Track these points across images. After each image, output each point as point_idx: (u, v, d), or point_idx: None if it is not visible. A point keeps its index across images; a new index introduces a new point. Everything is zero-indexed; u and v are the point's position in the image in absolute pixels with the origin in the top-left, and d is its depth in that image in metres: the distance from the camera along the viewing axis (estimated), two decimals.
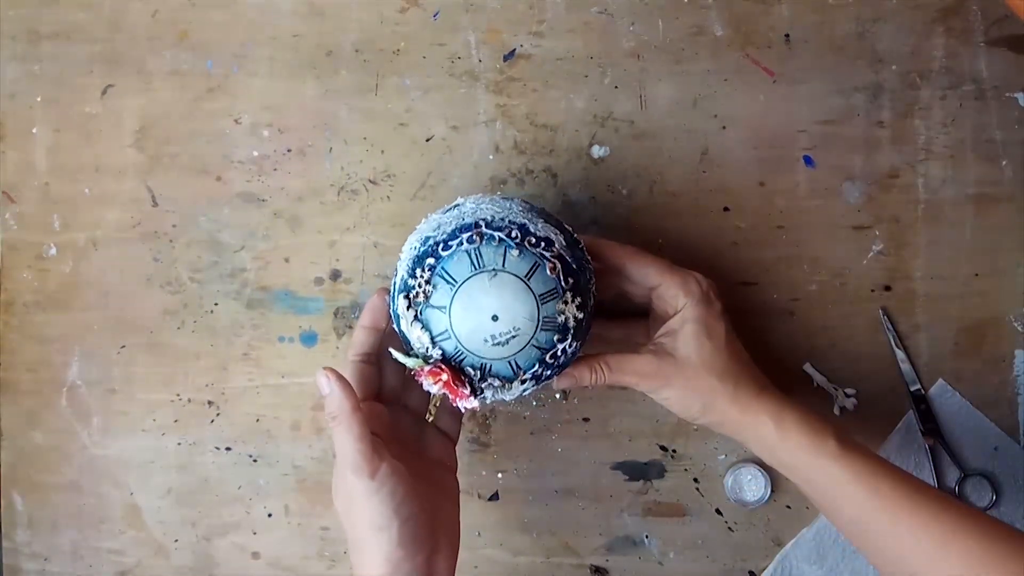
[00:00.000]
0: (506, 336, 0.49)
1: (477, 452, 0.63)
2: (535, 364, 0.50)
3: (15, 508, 0.64)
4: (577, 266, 0.50)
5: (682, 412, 0.54)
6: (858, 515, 0.49)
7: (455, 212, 0.51)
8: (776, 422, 0.51)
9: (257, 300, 0.63)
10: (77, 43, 0.64)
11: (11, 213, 0.64)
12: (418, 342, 0.50)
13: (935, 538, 0.47)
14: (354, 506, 0.48)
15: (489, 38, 0.62)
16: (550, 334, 0.49)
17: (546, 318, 0.49)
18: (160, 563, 0.64)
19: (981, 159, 0.61)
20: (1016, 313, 0.61)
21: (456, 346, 0.49)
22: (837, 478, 0.50)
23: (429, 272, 0.49)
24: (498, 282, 0.48)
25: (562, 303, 0.49)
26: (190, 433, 0.63)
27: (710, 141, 0.62)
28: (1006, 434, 0.61)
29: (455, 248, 0.49)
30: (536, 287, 0.49)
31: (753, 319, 0.62)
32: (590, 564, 0.63)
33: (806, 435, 0.51)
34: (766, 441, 0.52)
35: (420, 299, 0.49)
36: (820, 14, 0.62)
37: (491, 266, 0.48)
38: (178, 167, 0.63)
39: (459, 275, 0.48)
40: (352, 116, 0.63)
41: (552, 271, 0.49)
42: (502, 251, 0.48)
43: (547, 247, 0.49)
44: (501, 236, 0.49)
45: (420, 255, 0.50)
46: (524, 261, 0.49)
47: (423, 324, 0.49)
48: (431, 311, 0.49)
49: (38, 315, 0.64)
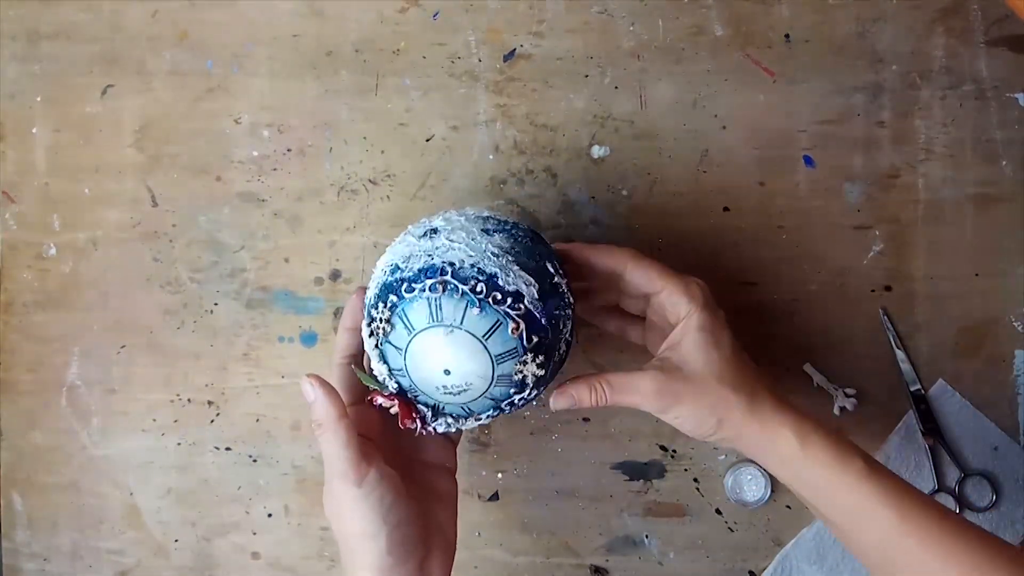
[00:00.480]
0: (458, 389, 0.47)
1: (477, 452, 0.63)
2: (489, 409, 0.49)
3: (15, 508, 0.64)
4: (548, 319, 0.48)
5: (695, 430, 0.51)
6: (884, 539, 0.47)
7: (428, 244, 0.49)
8: (800, 438, 0.49)
9: (257, 300, 0.63)
10: (77, 43, 0.64)
11: (11, 213, 0.64)
12: (377, 371, 0.50)
13: (966, 567, 0.45)
14: (343, 513, 0.48)
15: (489, 38, 0.62)
16: (505, 388, 0.48)
17: (501, 376, 0.47)
18: (160, 563, 0.64)
19: (981, 159, 0.61)
20: (1016, 313, 0.61)
21: (410, 384, 0.49)
22: (864, 498, 0.47)
23: (390, 311, 0.48)
24: (454, 339, 0.46)
25: (520, 363, 0.47)
26: (190, 433, 0.63)
27: (710, 141, 0.62)
28: (1006, 434, 0.61)
29: (417, 293, 0.47)
30: (493, 348, 0.47)
31: (753, 319, 0.62)
32: (590, 564, 0.63)
33: (832, 453, 0.48)
34: (787, 457, 0.49)
35: (380, 333, 0.48)
36: (820, 14, 0.62)
37: (449, 321, 0.46)
38: (178, 167, 0.63)
39: (417, 323, 0.47)
40: (352, 116, 0.63)
41: (514, 332, 0.46)
42: (463, 306, 0.46)
43: (514, 303, 0.47)
44: (464, 289, 0.46)
45: (387, 285, 0.48)
46: (485, 319, 0.46)
47: (382, 355, 0.49)
48: (389, 347, 0.48)
49: (38, 315, 0.64)
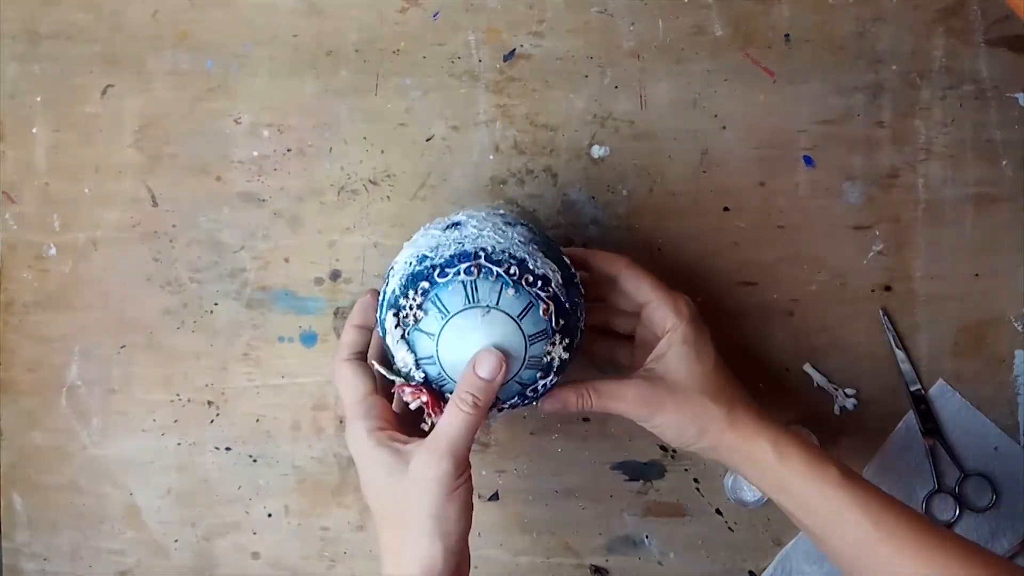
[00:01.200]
0: None
1: (477, 452, 0.63)
2: (514, 396, 0.50)
3: (15, 508, 0.64)
4: (570, 305, 0.50)
5: (676, 439, 0.53)
6: (858, 545, 0.48)
7: (455, 234, 0.50)
8: (775, 446, 0.50)
9: (257, 300, 0.63)
10: (77, 43, 0.64)
11: (11, 213, 0.64)
12: (402, 361, 0.49)
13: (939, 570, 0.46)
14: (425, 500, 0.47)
15: (489, 38, 0.62)
16: (533, 372, 0.49)
17: (532, 357, 0.49)
18: (160, 563, 0.64)
19: (981, 159, 0.61)
20: (1016, 313, 0.61)
21: (439, 372, 0.49)
22: (839, 505, 0.49)
23: (422, 297, 0.48)
24: (490, 319, 0.48)
25: (550, 344, 0.49)
26: (190, 433, 0.63)
27: (710, 141, 0.62)
28: (1006, 434, 0.61)
29: (451, 277, 0.48)
30: (527, 328, 0.48)
31: (753, 319, 0.62)
32: (590, 564, 0.63)
33: (807, 461, 0.50)
34: (763, 464, 0.51)
35: (410, 321, 0.49)
36: (820, 14, 0.62)
37: (485, 302, 0.47)
38: (178, 167, 0.63)
39: (452, 306, 0.48)
40: (352, 116, 0.63)
41: (545, 312, 0.48)
42: (498, 287, 0.48)
43: (543, 286, 0.48)
44: (499, 272, 0.48)
45: (415, 275, 0.49)
46: (519, 300, 0.48)
47: (409, 345, 0.49)
48: (419, 334, 0.48)
49: (38, 315, 0.64)
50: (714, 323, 0.56)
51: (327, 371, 0.63)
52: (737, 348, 0.61)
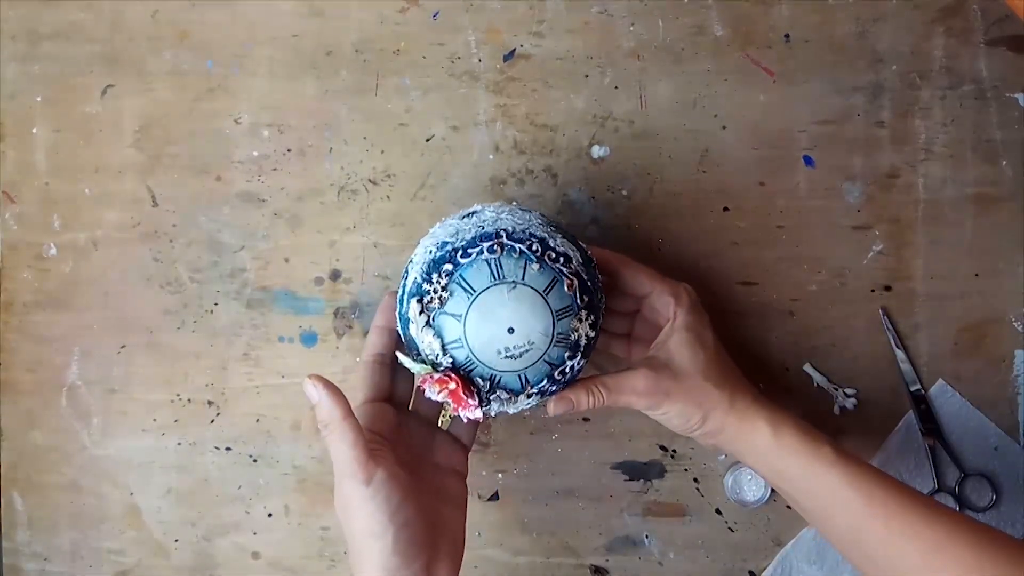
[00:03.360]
0: (520, 349, 0.48)
1: (477, 452, 0.63)
2: (543, 379, 0.49)
3: (15, 508, 0.64)
4: (591, 284, 0.50)
5: (682, 426, 0.53)
6: (852, 522, 0.49)
7: (474, 219, 0.50)
8: (772, 428, 0.51)
9: (257, 300, 0.63)
10: (77, 43, 0.64)
11: (11, 213, 0.64)
12: (428, 348, 0.49)
13: (928, 544, 0.47)
14: (350, 512, 0.48)
15: (489, 38, 0.62)
16: (562, 350, 0.49)
17: (560, 334, 0.49)
18: (160, 563, 0.64)
19: (981, 159, 0.61)
20: (1016, 313, 0.61)
21: (468, 355, 0.48)
22: (833, 484, 0.50)
23: (446, 278, 0.48)
24: (517, 295, 0.48)
25: (576, 320, 0.49)
26: (190, 433, 0.63)
27: (710, 141, 0.62)
28: (1006, 434, 0.61)
29: (475, 256, 0.48)
30: (553, 303, 0.48)
31: (753, 319, 0.62)
32: (590, 564, 0.63)
33: (802, 441, 0.51)
34: (761, 447, 0.52)
35: (434, 305, 0.48)
36: (820, 14, 0.62)
37: (511, 278, 0.48)
38: (178, 167, 0.63)
39: (478, 284, 0.48)
40: (352, 116, 0.63)
41: (570, 288, 0.48)
42: (522, 264, 0.48)
43: (566, 263, 0.49)
44: (522, 248, 0.48)
45: (437, 260, 0.49)
46: (543, 276, 0.48)
47: (435, 331, 0.48)
48: (445, 318, 0.48)
49: (38, 315, 0.64)
50: (714, 323, 0.56)
51: (328, 371, 0.63)
52: (737, 348, 0.61)
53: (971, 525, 0.48)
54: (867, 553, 0.49)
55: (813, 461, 0.50)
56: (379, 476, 0.47)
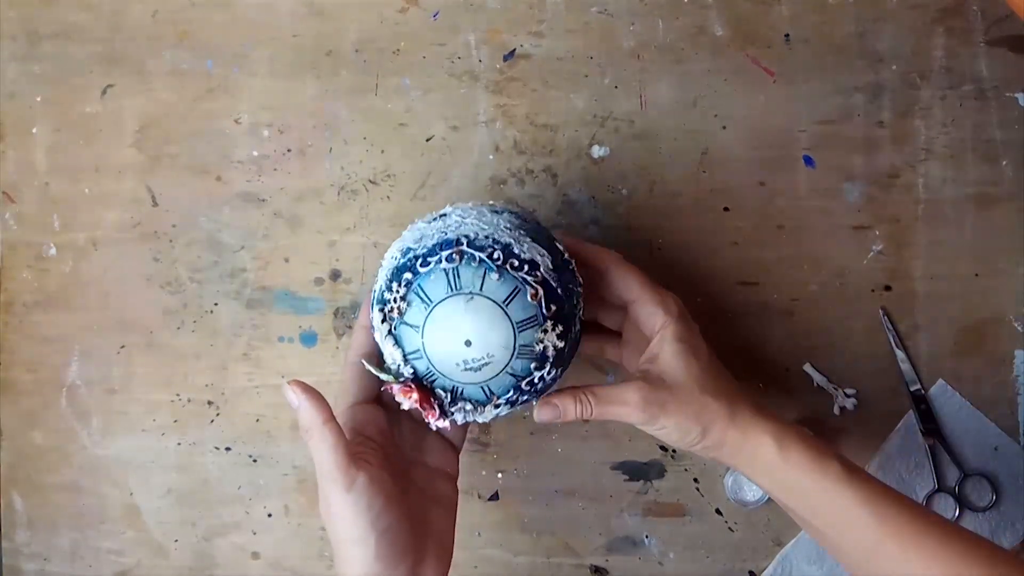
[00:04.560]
0: (479, 363, 0.46)
1: (477, 452, 0.63)
2: (510, 390, 0.48)
3: (15, 508, 0.64)
4: (563, 291, 0.48)
5: (680, 440, 0.51)
6: (864, 541, 0.48)
7: (439, 224, 0.49)
8: (778, 443, 0.49)
9: (257, 300, 0.63)
10: (77, 43, 0.64)
11: (11, 213, 0.64)
12: (390, 358, 0.48)
13: (944, 565, 0.46)
14: (333, 517, 0.47)
15: (489, 38, 0.62)
16: (527, 362, 0.47)
17: (523, 346, 0.46)
18: (160, 563, 0.64)
19: (981, 159, 0.61)
20: (1016, 313, 0.61)
21: (428, 367, 0.47)
22: (844, 502, 0.48)
23: (405, 288, 0.47)
24: (474, 306, 0.46)
25: (541, 332, 0.47)
26: (190, 433, 0.63)
27: (710, 141, 0.62)
28: (1006, 434, 0.61)
29: (433, 265, 0.46)
30: (514, 314, 0.46)
31: (753, 319, 0.62)
32: (590, 564, 0.63)
33: (809, 457, 0.49)
34: (766, 463, 0.50)
35: (395, 315, 0.47)
36: (820, 14, 0.62)
37: (468, 288, 0.46)
38: (178, 167, 0.63)
39: (435, 295, 0.46)
40: (352, 116, 0.63)
41: (533, 297, 0.46)
42: (481, 273, 0.46)
43: (531, 271, 0.47)
44: (482, 257, 0.46)
45: (399, 267, 0.48)
46: (504, 285, 0.46)
47: (396, 340, 0.47)
48: (405, 328, 0.47)
49: (38, 315, 0.64)
50: (714, 323, 0.56)
51: (327, 371, 0.63)
52: (737, 348, 0.61)
53: (987, 545, 0.47)
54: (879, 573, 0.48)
55: (822, 478, 0.48)
56: (361, 481, 0.47)
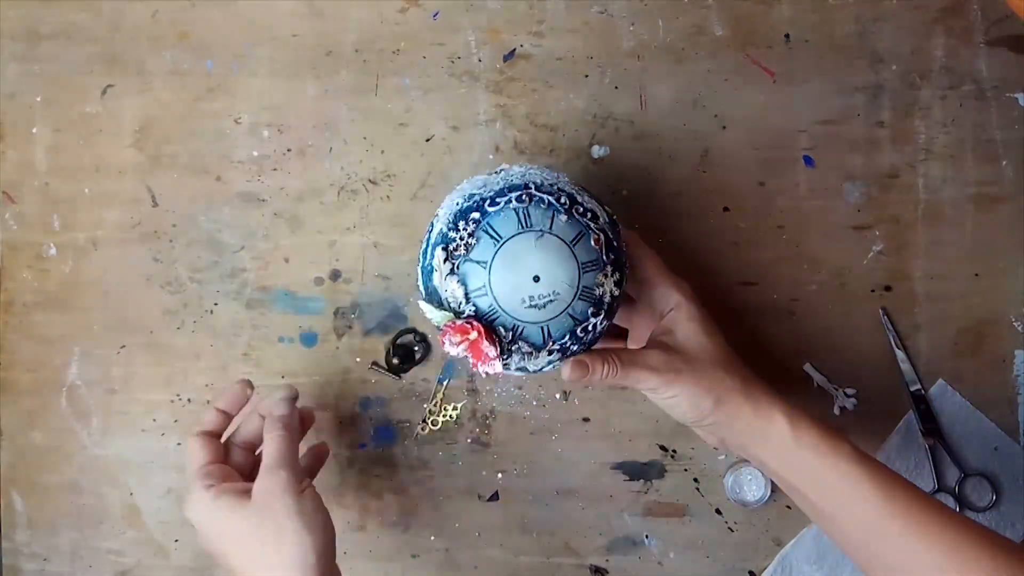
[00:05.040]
0: (544, 300, 0.48)
1: (477, 452, 0.63)
2: (566, 335, 0.49)
3: (15, 508, 0.64)
4: (617, 244, 0.51)
5: (692, 410, 0.52)
6: (867, 520, 0.49)
7: (502, 175, 0.51)
8: (789, 420, 0.50)
9: (257, 300, 0.63)
10: (77, 43, 0.64)
11: (11, 213, 0.64)
12: (451, 296, 0.48)
13: (947, 549, 0.47)
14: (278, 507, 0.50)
15: (489, 38, 0.62)
16: (586, 305, 0.49)
17: (585, 288, 0.48)
18: (160, 563, 0.64)
19: (981, 159, 0.61)
20: (1016, 313, 0.61)
21: (491, 303, 0.48)
22: (852, 480, 0.49)
23: (474, 225, 0.48)
24: (544, 243, 0.48)
25: (602, 275, 0.49)
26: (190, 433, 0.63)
27: (710, 141, 0.62)
28: (1006, 434, 0.61)
29: (503, 205, 0.48)
30: (580, 255, 0.48)
31: (753, 319, 0.62)
32: (590, 564, 0.63)
33: (821, 437, 0.50)
34: (778, 441, 0.51)
35: (460, 252, 0.48)
36: (820, 14, 0.62)
37: (539, 227, 0.48)
38: (178, 167, 0.63)
39: (505, 232, 0.48)
40: (352, 116, 0.63)
41: (596, 242, 0.48)
42: (550, 214, 0.48)
43: (593, 219, 0.49)
44: (551, 200, 0.48)
45: (464, 209, 0.49)
46: (571, 227, 0.48)
47: (459, 278, 0.48)
48: (470, 265, 0.48)
49: (38, 315, 0.64)
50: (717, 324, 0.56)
51: (327, 371, 0.63)
52: (737, 348, 0.60)
53: (988, 532, 0.47)
54: (879, 552, 0.49)
55: (832, 457, 0.50)
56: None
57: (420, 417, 0.63)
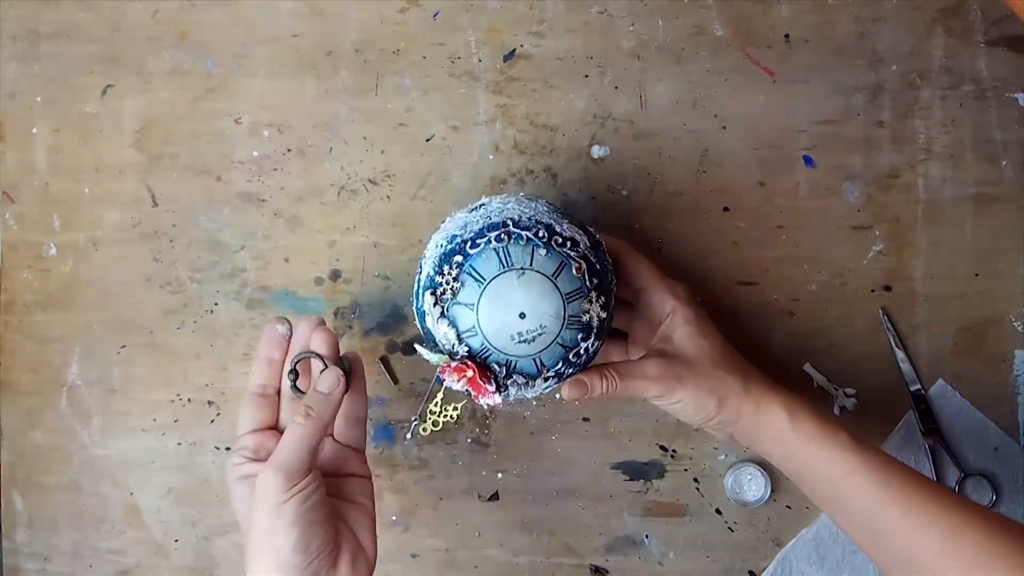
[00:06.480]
0: (532, 334, 0.49)
1: (477, 452, 0.63)
2: (559, 362, 0.50)
3: (15, 508, 0.64)
4: (600, 267, 0.51)
5: (696, 413, 0.53)
6: (867, 506, 0.49)
7: (481, 211, 0.52)
8: (789, 412, 0.51)
9: (257, 300, 0.63)
10: (77, 43, 0.64)
11: (11, 213, 0.64)
12: (444, 338, 0.50)
13: (944, 531, 0.47)
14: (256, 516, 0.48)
15: (489, 38, 0.62)
16: (575, 332, 0.50)
17: (571, 316, 0.49)
18: (160, 563, 0.64)
19: (981, 159, 0.61)
20: (1016, 313, 0.61)
21: (482, 343, 0.49)
22: (849, 468, 0.50)
23: (457, 269, 0.49)
24: (526, 280, 0.49)
25: (587, 302, 0.50)
26: (190, 433, 0.63)
27: (710, 141, 0.62)
28: (1006, 434, 0.61)
29: (483, 246, 0.49)
30: (563, 286, 0.49)
31: (753, 319, 0.62)
32: (590, 564, 0.63)
33: (818, 426, 0.51)
34: (778, 434, 0.52)
35: (447, 296, 0.49)
36: (820, 14, 0.62)
37: (519, 264, 0.49)
38: (178, 167, 0.63)
39: (487, 273, 0.49)
40: (352, 116, 0.63)
41: (578, 271, 0.49)
42: (530, 250, 0.49)
43: (573, 247, 0.50)
44: (528, 235, 0.49)
45: (447, 252, 0.50)
46: (551, 260, 0.49)
47: (450, 320, 0.50)
48: (458, 308, 0.49)
49: (38, 315, 0.64)
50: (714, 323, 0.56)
51: None
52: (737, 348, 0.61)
53: (987, 514, 0.48)
54: (880, 538, 0.49)
55: (830, 446, 0.50)
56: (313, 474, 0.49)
57: (420, 417, 0.63)
